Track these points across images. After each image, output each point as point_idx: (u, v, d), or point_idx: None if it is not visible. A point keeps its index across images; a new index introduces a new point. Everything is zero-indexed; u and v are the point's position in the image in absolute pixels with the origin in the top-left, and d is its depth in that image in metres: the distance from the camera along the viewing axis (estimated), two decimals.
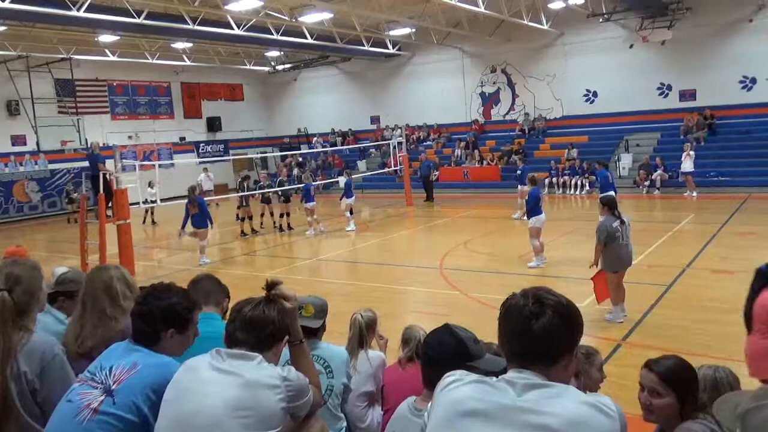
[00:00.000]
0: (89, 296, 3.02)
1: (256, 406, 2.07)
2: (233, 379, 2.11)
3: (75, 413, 2.22)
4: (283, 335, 2.34)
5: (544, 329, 1.62)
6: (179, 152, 29.78)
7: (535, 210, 10.85)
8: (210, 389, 2.10)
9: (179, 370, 2.24)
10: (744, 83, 21.36)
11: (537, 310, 1.64)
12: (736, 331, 7.14)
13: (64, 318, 3.25)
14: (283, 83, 32.87)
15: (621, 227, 7.60)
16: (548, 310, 1.64)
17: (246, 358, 2.18)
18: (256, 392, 2.09)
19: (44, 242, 18.78)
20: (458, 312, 8.19)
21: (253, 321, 2.26)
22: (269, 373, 2.15)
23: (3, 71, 22.87)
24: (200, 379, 2.14)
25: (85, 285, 3.12)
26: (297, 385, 2.20)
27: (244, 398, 2.08)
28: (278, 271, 12.04)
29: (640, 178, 20.54)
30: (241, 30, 19.99)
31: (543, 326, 1.62)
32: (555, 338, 1.63)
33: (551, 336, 1.63)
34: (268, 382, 2.12)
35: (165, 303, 2.42)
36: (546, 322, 1.62)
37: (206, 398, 2.09)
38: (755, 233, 12.66)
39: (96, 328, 2.89)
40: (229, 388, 2.09)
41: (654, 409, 2.57)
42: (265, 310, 2.30)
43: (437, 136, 28.06)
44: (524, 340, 1.65)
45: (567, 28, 23.76)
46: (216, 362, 2.18)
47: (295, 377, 2.22)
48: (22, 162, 24.45)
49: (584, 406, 1.56)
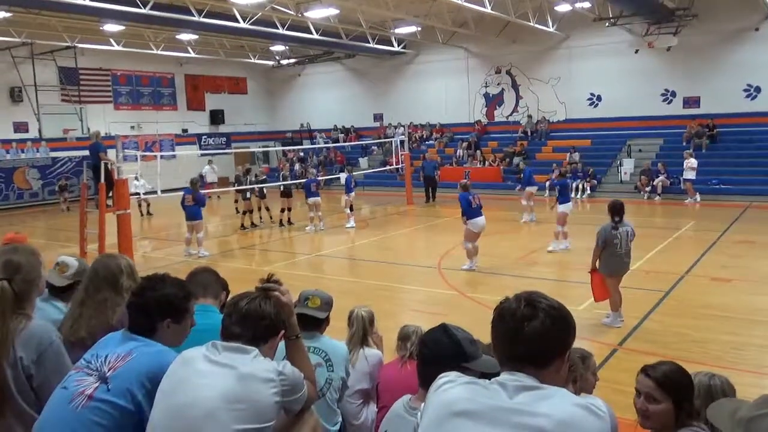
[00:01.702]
0: (93, 284, 3.03)
1: (251, 399, 2.09)
2: (228, 372, 2.12)
3: (69, 399, 2.22)
4: (279, 330, 2.35)
5: (536, 332, 1.64)
6: (181, 144, 29.77)
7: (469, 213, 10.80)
8: (205, 381, 2.11)
9: (174, 361, 2.24)
10: (748, 92, 21.34)
11: (529, 313, 1.66)
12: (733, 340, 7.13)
13: (63, 307, 3.26)
14: (287, 78, 32.84)
15: (620, 235, 7.59)
16: (540, 314, 1.65)
17: (242, 352, 2.19)
18: (250, 385, 2.10)
19: (43, 230, 18.77)
20: (456, 312, 8.18)
21: (249, 315, 2.27)
22: (264, 367, 2.16)
23: (7, 58, 22.84)
24: (195, 371, 2.15)
25: (90, 272, 3.12)
26: (292, 379, 2.21)
27: (238, 391, 2.09)
28: (277, 266, 12.03)
29: (641, 184, 20.52)
30: (247, 23, 19.99)
31: (535, 329, 1.64)
32: (547, 341, 1.65)
33: (543, 339, 1.64)
34: (263, 375, 2.13)
35: (160, 293, 2.42)
36: (538, 325, 1.64)
37: (201, 390, 2.09)
38: (755, 242, 12.66)
39: (91, 318, 2.89)
40: (223, 380, 2.10)
41: (650, 415, 2.57)
42: (262, 304, 2.30)
43: (440, 135, 28.04)
44: (516, 343, 1.67)
45: (573, 32, 23.73)
46: (211, 355, 2.19)
47: (290, 372, 2.23)
48: (24, 149, 24.43)
49: (576, 407, 1.57)
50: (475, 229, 10.81)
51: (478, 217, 10.83)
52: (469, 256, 10.88)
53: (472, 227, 10.80)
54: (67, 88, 24.68)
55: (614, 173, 22.36)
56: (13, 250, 2.77)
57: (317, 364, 3.26)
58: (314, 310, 3.42)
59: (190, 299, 2.52)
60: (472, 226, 10.80)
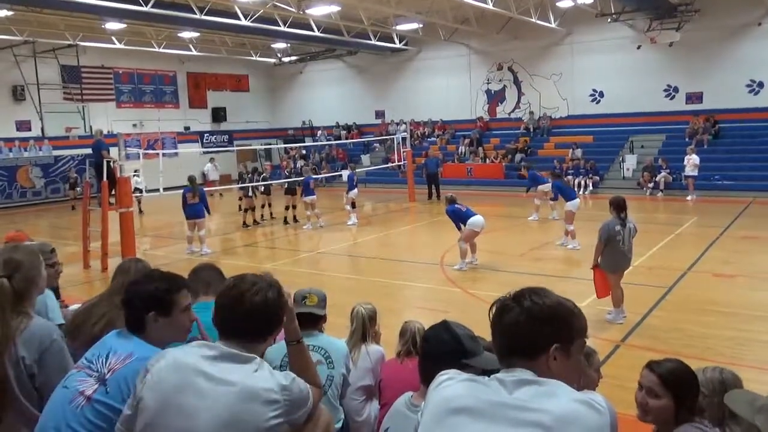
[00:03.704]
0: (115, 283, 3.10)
1: (250, 422, 1.94)
2: (228, 391, 1.95)
3: (70, 399, 2.22)
4: (282, 319, 2.23)
5: (510, 323, 1.67)
6: (184, 142, 29.79)
7: (466, 216, 10.85)
8: (200, 405, 1.95)
9: (161, 365, 2.05)
10: (751, 87, 21.28)
11: (510, 306, 1.69)
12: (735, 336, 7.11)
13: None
14: (289, 75, 32.83)
15: (623, 230, 7.59)
16: (518, 307, 1.67)
17: (242, 361, 2.02)
18: (250, 406, 1.95)
19: (46, 228, 18.81)
20: (458, 309, 8.18)
21: (256, 309, 2.08)
22: (267, 385, 1.99)
23: (9, 56, 22.87)
24: (188, 389, 1.97)
25: (117, 272, 3.23)
26: (297, 397, 2.07)
27: (238, 413, 1.93)
28: (279, 264, 12.06)
29: (644, 180, 20.48)
30: (248, 21, 19.97)
31: (509, 320, 1.67)
32: (524, 332, 1.65)
33: (518, 329, 1.66)
34: (266, 396, 1.97)
35: (143, 288, 2.42)
36: (513, 317, 1.66)
37: (196, 417, 1.94)
38: (758, 237, 12.64)
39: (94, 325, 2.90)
40: (221, 402, 1.94)
41: (649, 410, 2.58)
42: (269, 295, 2.12)
43: (442, 132, 28.02)
44: (497, 335, 1.71)
45: (575, 27, 23.67)
46: (208, 364, 2.00)
47: (297, 389, 2.07)
48: (27, 147, 24.45)
49: (576, 403, 1.57)
50: (477, 228, 10.78)
51: (476, 216, 10.83)
52: (462, 256, 10.83)
53: (473, 227, 10.78)
54: (69, 87, 24.72)
55: (617, 169, 22.31)
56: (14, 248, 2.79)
57: (317, 361, 3.27)
58: (313, 308, 3.44)
59: (175, 292, 2.43)
60: (473, 226, 10.78)
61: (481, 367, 2.13)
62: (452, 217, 11.04)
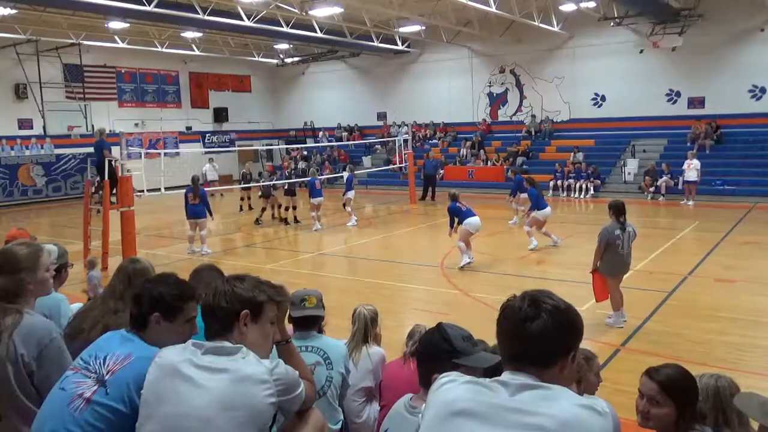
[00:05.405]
0: (109, 286, 3.11)
1: (246, 404, 2.03)
2: (220, 377, 2.05)
3: (68, 402, 2.20)
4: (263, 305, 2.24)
5: (538, 332, 1.63)
6: (185, 141, 29.80)
7: (464, 215, 11.06)
8: (195, 389, 2.04)
9: (152, 368, 2.15)
10: (753, 92, 21.27)
11: (532, 313, 1.65)
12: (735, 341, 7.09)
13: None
14: (291, 76, 32.85)
15: (622, 235, 7.58)
16: (543, 314, 1.64)
17: (229, 353, 2.11)
18: (244, 389, 2.04)
19: (47, 226, 18.82)
20: (458, 311, 8.17)
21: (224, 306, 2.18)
22: (256, 369, 2.08)
23: (12, 54, 22.88)
24: (183, 379, 2.07)
25: (114, 274, 3.21)
26: (285, 378, 2.15)
27: (233, 396, 2.02)
28: (280, 264, 12.06)
29: (645, 184, 20.47)
30: (251, 21, 19.99)
31: (537, 329, 1.63)
32: (549, 341, 1.64)
33: (545, 339, 1.63)
34: (256, 377, 2.06)
35: (155, 288, 2.42)
36: (540, 325, 1.63)
37: (193, 399, 2.03)
38: (759, 243, 12.61)
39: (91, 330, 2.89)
40: (216, 386, 2.03)
41: (651, 418, 2.56)
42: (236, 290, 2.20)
43: (443, 134, 28.02)
44: (518, 342, 1.66)
45: (577, 31, 23.68)
46: (195, 358, 2.10)
47: (284, 371, 2.16)
48: (28, 146, 24.49)
49: (578, 407, 1.56)
50: (472, 229, 10.98)
51: (473, 216, 10.97)
52: (462, 253, 11.02)
53: (469, 228, 10.95)
54: (71, 86, 24.71)
55: (618, 173, 22.30)
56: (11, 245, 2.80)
57: (317, 362, 3.26)
58: (313, 310, 3.44)
59: (185, 300, 2.44)
60: (469, 227, 10.95)
61: (474, 366, 2.13)
62: (451, 214, 11.23)
